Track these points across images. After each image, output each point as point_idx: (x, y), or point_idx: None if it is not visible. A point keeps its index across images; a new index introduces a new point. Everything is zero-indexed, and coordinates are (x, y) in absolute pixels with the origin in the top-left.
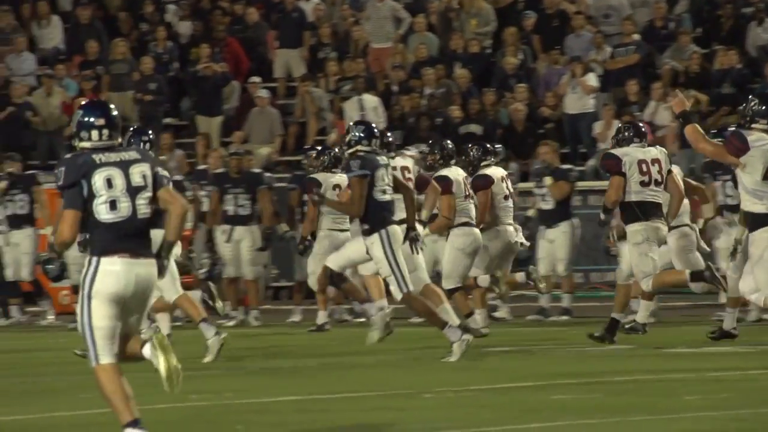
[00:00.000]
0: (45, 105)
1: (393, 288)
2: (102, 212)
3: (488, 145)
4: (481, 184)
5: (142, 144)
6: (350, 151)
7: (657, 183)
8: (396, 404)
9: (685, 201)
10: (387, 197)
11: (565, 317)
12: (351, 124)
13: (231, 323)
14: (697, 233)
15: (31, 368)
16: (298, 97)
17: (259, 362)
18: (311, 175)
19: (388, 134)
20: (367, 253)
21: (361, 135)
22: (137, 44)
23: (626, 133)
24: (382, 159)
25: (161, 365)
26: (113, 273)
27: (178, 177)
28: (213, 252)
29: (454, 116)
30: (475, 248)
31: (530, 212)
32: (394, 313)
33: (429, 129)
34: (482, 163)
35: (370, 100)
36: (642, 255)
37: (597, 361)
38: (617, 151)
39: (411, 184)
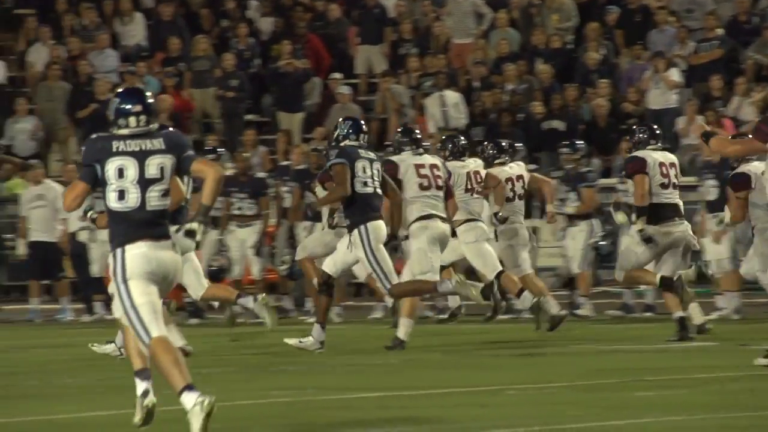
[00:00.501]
0: None
1: (378, 284)
2: (111, 200)
3: (504, 143)
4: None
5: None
6: (340, 145)
7: (674, 186)
8: (478, 400)
9: None
10: (369, 189)
11: (648, 314)
12: (340, 120)
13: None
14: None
15: (115, 365)
16: (379, 93)
17: (341, 358)
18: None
19: (417, 131)
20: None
21: (349, 131)
22: (219, 41)
23: (642, 135)
24: (366, 153)
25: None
26: (141, 254)
27: (261, 174)
28: (294, 248)
29: (536, 112)
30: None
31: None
32: (466, 309)
33: (510, 125)
34: (496, 161)
35: (452, 96)
36: (631, 251)
37: (680, 357)
38: (640, 154)
39: (440, 182)
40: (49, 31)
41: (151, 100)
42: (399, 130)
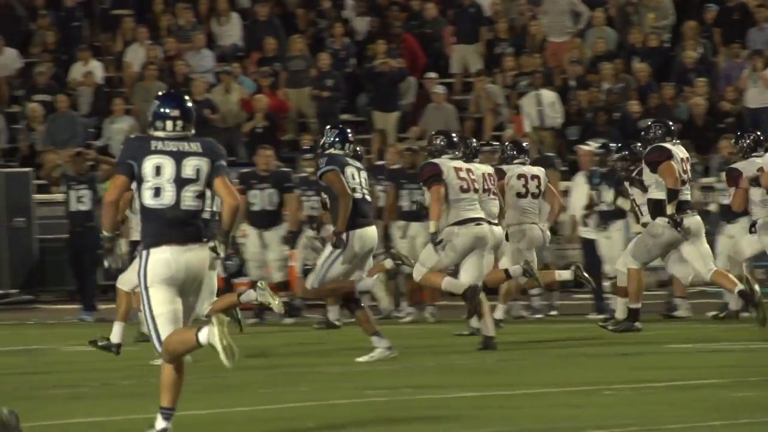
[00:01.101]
0: (224, 102)
1: (310, 276)
2: (146, 198)
3: (524, 144)
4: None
5: None
6: (326, 153)
7: (687, 181)
8: (574, 401)
9: None
10: (358, 195)
11: (746, 314)
12: (327, 128)
13: (407, 319)
14: None
15: (210, 364)
16: (473, 92)
17: (436, 358)
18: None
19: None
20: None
21: (335, 139)
22: (314, 41)
23: (657, 131)
24: (353, 162)
25: (218, 342)
26: (163, 260)
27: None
28: (389, 248)
29: (633, 111)
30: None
31: (711, 207)
32: (561, 309)
33: (606, 124)
34: (515, 161)
35: (548, 95)
36: (644, 245)
37: None
38: (666, 144)
39: (467, 184)
40: (146, 31)
41: (189, 106)
42: (434, 133)
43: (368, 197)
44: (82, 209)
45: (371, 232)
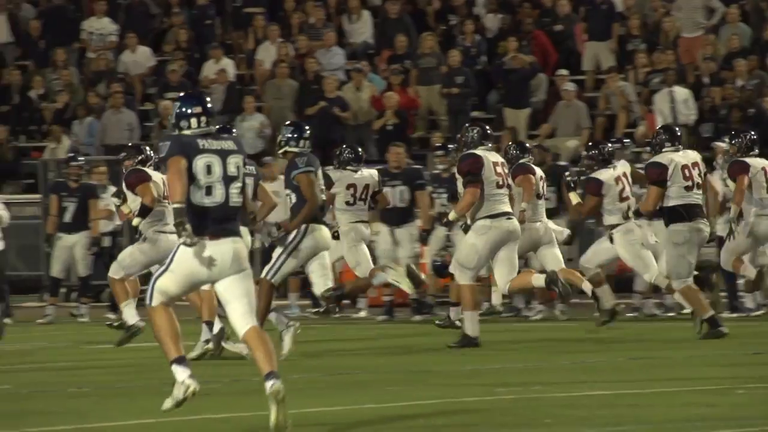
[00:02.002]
0: (355, 99)
1: (266, 268)
2: (198, 197)
3: (527, 144)
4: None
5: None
6: (281, 151)
7: (698, 186)
8: (707, 399)
9: None
10: (322, 195)
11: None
12: (285, 124)
13: (537, 317)
14: None
15: (339, 361)
16: (603, 89)
17: (566, 356)
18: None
19: (486, 128)
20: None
21: (291, 136)
22: (445, 38)
23: (660, 138)
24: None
25: (272, 416)
26: (194, 254)
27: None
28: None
29: None
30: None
31: None
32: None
33: (740, 121)
34: (521, 161)
35: (681, 92)
36: (680, 257)
37: None
38: (661, 159)
39: (502, 180)
40: (277, 29)
41: (210, 103)
42: (471, 125)
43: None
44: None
45: (326, 230)
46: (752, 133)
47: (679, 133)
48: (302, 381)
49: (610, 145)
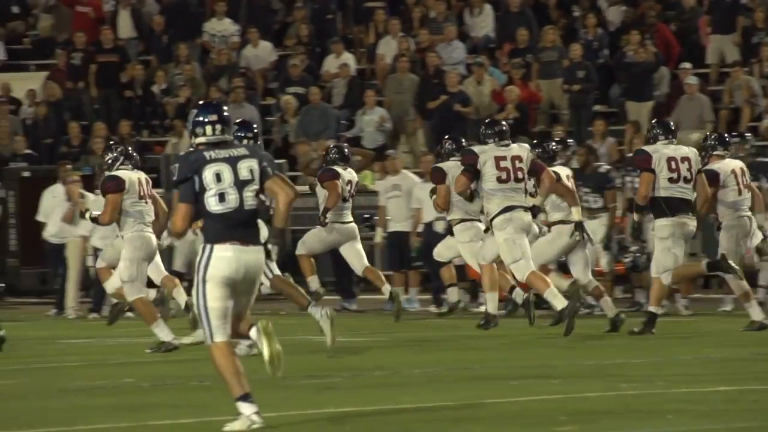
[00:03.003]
0: (476, 93)
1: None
2: (212, 204)
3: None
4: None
5: (246, 139)
6: None
7: (686, 180)
8: None
9: None
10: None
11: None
12: (235, 122)
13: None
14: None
15: (461, 355)
16: (728, 83)
17: (690, 350)
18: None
19: (503, 123)
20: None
21: (242, 135)
22: (567, 31)
23: (654, 131)
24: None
25: (264, 349)
26: (225, 258)
27: (604, 167)
28: (642, 241)
29: None
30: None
31: None
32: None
33: None
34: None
35: None
36: (665, 250)
37: None
38: (648, 148)
39: (521, 174)
40: (398, 23)
41: (226, 112)
42: (486, 121)
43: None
44: None
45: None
46: (721, 132)
47: (673, 127)
48: (424, 375)
49: (554, 144)
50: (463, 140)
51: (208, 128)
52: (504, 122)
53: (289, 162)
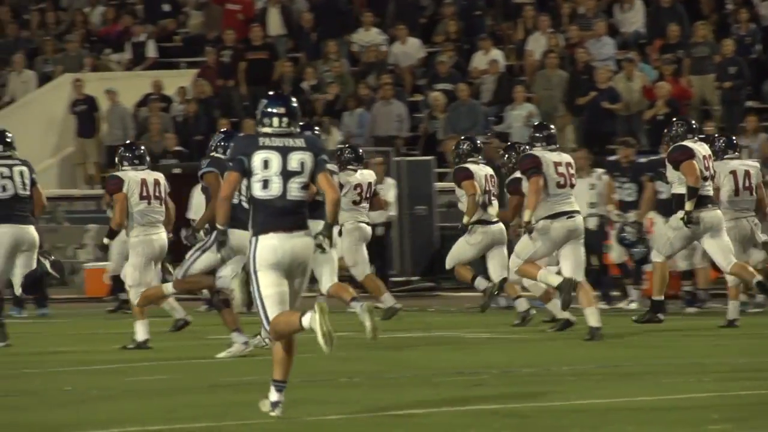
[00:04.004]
0: (626, 89)
1: (178, 270)
2: (256, 189)
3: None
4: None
5: None
6: (212, 155)
7: (709, 179)
8: None
9: None
10: (234, 201)
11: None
12: (217, 132)
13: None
14: None
15: (610, 352)
16: None
17: None
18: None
19: (551, 127)
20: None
21: (221, 143)
22: (719, 27)
23: (679, 129)
24: None
25: (318, 328)
26: (270, 246)
27: (754, 163)
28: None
29: None
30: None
31: None
32: None
33: None
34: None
35: None
36: (665, 237)
37: None
38: (687, 143)
39: (574, 180)
40: (547, 19)
41: (294, 105)
42: (536, 125)
43: (245, 204)
44: None
45: (240, 233)
46: (689, 121)
47: (695, 126)
48: (573, 372)
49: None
50: (479, 141)
51: (275, 120)
52: (552, 127)
53: (437, 158)
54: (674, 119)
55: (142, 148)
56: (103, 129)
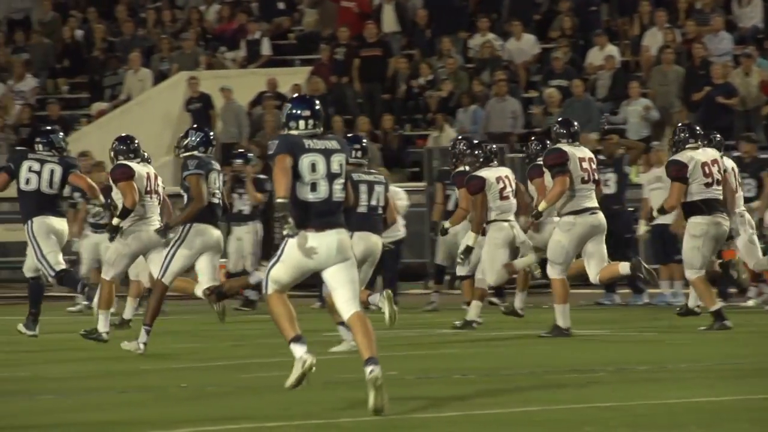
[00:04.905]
0: (743, 85)
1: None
2: (303, 192)
3: (493, 147)
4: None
5: (354, 150)
6: (186, 154)
7: (718, 182)
8: None
9: None
10: (215, 200)
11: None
12: (191, 129)
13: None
14: None
15: (727, 350)
16: None
17: None
18: None
19: (575, 123)
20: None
21: (198, 141)
22: None
23: (681, 135)
24: (215, 164)
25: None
26: (301, 246)
27: None
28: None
29: None
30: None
31: None
32: None
33: None
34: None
35: None
36: (695, 248)
37: None
38: (683, 157)
39: (596, 175)
40: (664, 14)
41: (319, 107)
42: (560, 120)
43: (215, 200)
44: (608, 192)
45: (213, 231)
46: (692, 125)
47: (699, 132)
48: (692, 370)
49: (495, 145)
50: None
51: (302, 122)
52: (576, 123)
53: None
54: (678, 125)
55: (137, 141)
56: (218, 127)
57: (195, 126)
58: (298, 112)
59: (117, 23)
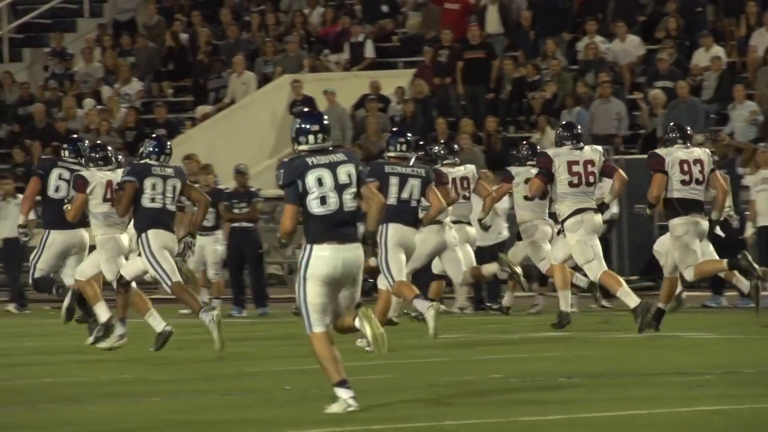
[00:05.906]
0: None
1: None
2: (314, 206)
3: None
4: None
5: (399, 144)
6: (141, 162)
7: (698, 182)
8: None
9: None
10: (155, 205)
11: None
12: (151, 137)
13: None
14: None
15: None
16: None
17: None
18: None
19: (578, 127)
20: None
21: (151, 150)
22: None
23: (671, 135)
24: (163, 171)
25: (368, 332)
26: (323, 258)
27: None
28: None
29: None
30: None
31: None
32: None
33: None
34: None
35: None
36: (683, 247)
37: None
38: (661, 151)
39: (592, 179)
40: None
41: (327, 122)
42: (562, 124)
43: (169, 207)
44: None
45: (162, 233)
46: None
47: (689, 132)
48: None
49: (437, 147)
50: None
51: (311, 137)
52: (579, 126)
53: None
54: (670, 124)
55: (108, 148)
56: None
57: (153, 135)
58: (307, 126)
59: (221, 27)
